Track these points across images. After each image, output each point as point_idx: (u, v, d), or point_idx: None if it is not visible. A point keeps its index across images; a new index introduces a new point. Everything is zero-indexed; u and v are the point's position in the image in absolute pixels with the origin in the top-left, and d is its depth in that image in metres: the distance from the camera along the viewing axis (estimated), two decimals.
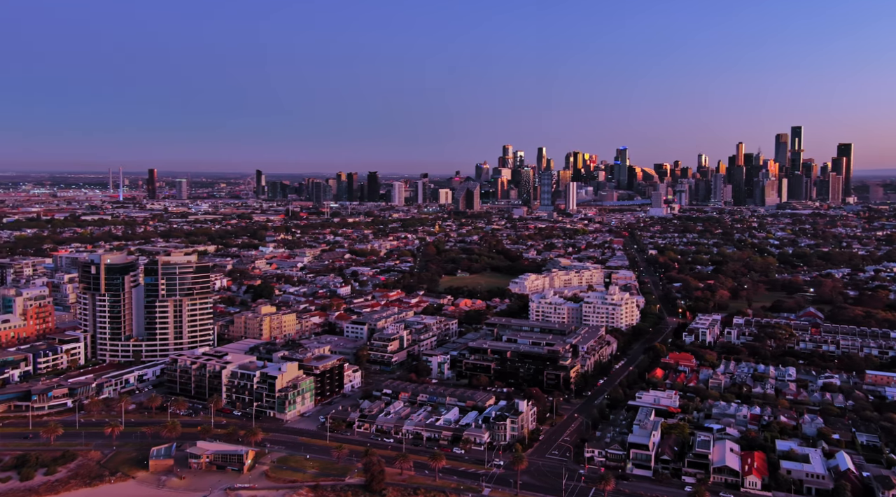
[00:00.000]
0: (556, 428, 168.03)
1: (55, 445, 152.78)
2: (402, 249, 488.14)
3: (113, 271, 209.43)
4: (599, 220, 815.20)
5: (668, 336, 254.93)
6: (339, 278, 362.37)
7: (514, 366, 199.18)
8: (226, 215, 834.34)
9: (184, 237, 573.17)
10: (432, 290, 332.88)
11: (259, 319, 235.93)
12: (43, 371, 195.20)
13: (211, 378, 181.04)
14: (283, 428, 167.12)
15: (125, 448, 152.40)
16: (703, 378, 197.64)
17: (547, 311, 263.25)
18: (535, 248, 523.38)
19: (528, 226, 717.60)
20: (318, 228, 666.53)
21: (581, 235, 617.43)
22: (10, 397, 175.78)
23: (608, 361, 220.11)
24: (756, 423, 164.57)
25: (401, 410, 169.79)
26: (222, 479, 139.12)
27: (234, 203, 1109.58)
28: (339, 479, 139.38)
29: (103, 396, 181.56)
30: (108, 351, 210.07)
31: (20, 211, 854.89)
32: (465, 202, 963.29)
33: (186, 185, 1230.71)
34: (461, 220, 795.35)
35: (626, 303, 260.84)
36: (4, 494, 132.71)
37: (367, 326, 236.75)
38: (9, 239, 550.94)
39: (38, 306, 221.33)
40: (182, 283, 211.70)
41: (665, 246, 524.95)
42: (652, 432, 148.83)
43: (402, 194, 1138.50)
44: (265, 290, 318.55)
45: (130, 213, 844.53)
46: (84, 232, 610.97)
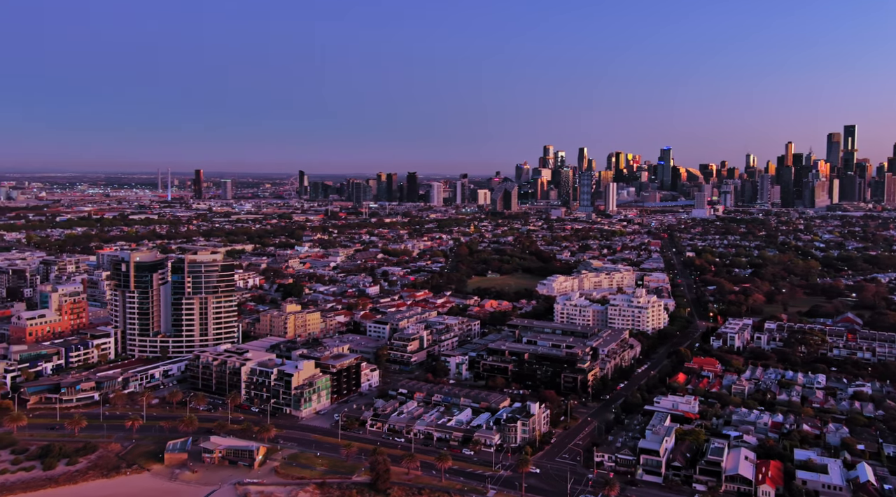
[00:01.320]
0: (570, 431, 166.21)
1: (79, 437, 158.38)
2: (434, 250, 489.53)
3: (142, 269, 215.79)
4: (639, 221, 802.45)
5: (696, 340, 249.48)
6: (369, 278, 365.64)
7: (531, 368, 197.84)
8: (267, 215, 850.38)
9: (224, 236, 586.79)
10: (460, 291, 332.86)
11: (284, 317, 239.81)
12: (74, 365, 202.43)
13: (231, 374, 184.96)
14: (297, 425, 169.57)
15: (144, 441, 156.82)
16: (727, 384, 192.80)
17: (572, 314, 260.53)
18: (569, 249, 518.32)
19: (565, 227, 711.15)
20: (354, 228, 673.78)
21: (618, 237, 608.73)
22: (41, 389, 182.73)
23: (630, 365, 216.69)
24: (777, 431, 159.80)
25: (413, 410, 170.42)
26: (233, 474, 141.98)
27: (276, 203, 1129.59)
28: (347, 477, 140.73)
29: (129, 390, 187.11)
30: (136, 346, 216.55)
31: (73, 210, 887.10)
32: (502, 203, 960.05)
33: (231, 186, 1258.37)
34: (497, 220, 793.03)
35: (653, 306, 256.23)
36: (26, 483, 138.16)
37: (388, 326, 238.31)
38: (59, 237, 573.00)
39: (73, 302, 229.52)
40: (207, 282, 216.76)
41: (703, 248, 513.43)
42: (664, 438, 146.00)
43: (441, 195, 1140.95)
44: (295, 288, 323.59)
45: (176, 213, 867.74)
46: (130, 231, 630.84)
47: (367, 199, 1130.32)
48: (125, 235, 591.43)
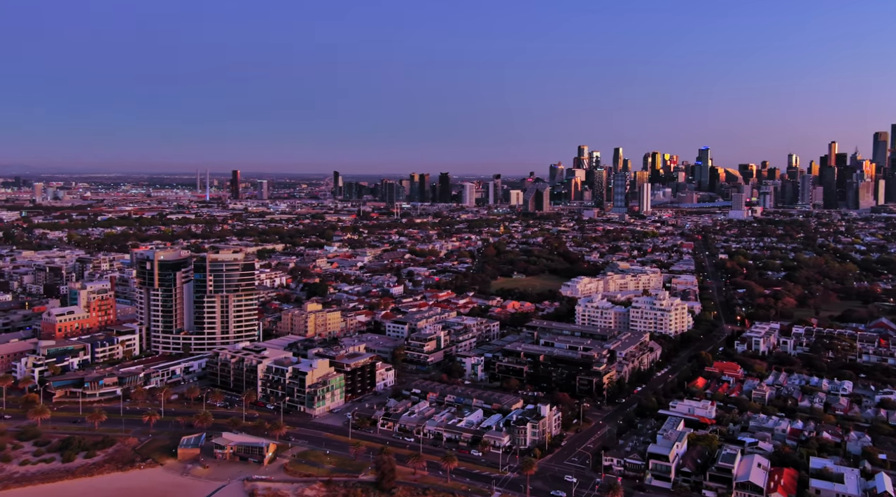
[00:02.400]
0: (581, 434, 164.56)
1: (98, 431, 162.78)
2: (462, 250, 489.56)
3: (165, 267, 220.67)
4: (673, 222, 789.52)
5: (721, 344, 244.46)
6: (394, 278, 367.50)
7: (546, 370, 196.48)
8: (300, 215, 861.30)
9: (257, 236, 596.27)
10: (483, 292, 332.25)
11: (304, 316, 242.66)
12: (100, 360, 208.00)
13: (248, 372, 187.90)
14: (310, 423, 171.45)
15: (160, 436, 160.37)
16: (747, 389, 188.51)
17: (593, 316, 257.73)
18: (598, 250, 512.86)
19: (597, 228, 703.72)
20: (385, 229, 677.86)
21: (650, 238, 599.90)
22: (67, 384, 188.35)
23: (649, 368, 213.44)
24: (795, 438, 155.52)
25: (425, 410, 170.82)
26: (242, 470, 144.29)
27: (311, 203, 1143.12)
28: (353, 475, 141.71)
29: (150, 386, 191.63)
30: (160, 343, 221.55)
31: (115, 210, 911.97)
32: (534, 203, 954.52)
33: (267, 186, 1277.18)
34: (528, 221, 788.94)
35: (677, 308, 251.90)
36: (45, 474, 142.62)
37: (407, 326, 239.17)
38: (99, 236, 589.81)
39: (101, 299, 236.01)
40: (229, 280, 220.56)
41: (737, 250, 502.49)
42: (675, 443, 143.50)
43: (473, 195, 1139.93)
44: (320, 288, 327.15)
45: (213, 213, 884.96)
46: (166, 230, 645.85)
47: (400, 200, 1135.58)
48: (161, 235, 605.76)
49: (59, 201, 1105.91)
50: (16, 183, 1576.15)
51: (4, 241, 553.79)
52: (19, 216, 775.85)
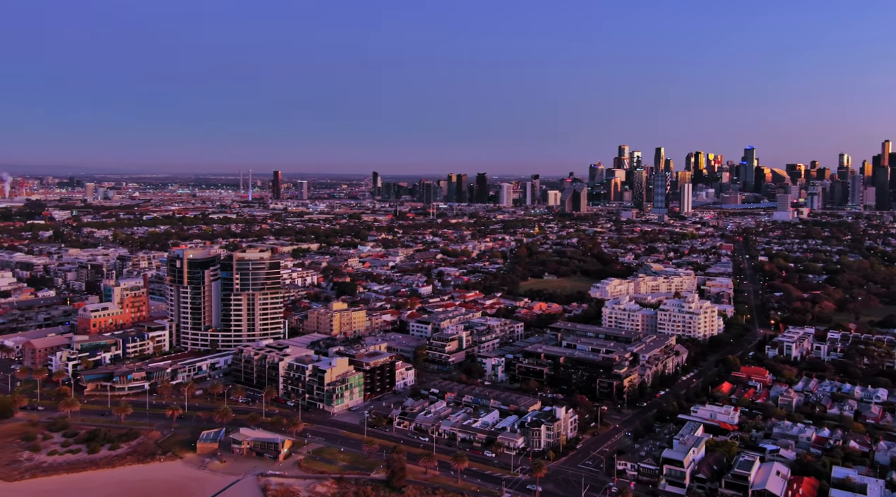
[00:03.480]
0: (598, 438, 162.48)
1: (124, 423, 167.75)
2: (494, 251, 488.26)
3: (194, 265, 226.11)
4: (715, 223, 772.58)
5: (751, 349, 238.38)
6: (424, 278, 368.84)
7: (566, 372, 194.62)
8: (338, 215, 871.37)
9: (293, 235, 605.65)
10: (511, 293, 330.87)
11: (329, 315, 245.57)
12: (131, 355, 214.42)
13: (270, 369, 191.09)
14: (328, 420, 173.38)
15: (182, 430, 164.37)
16: (774, 395, 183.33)
17: (620, 318, 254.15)
18: (634, 251, 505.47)
19: (634, 229, 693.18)
20: (420, 229, 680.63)
21: (688, 240, 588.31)
22: (98, 378, 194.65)
23: (674, 372, 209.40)
24: (820, 446, 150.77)
25: (441, 410, 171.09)
26: (258, 466, 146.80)
27: (349, 203, 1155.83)
28: (365, 473, 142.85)
29: (176, 382, 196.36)
30: (189, 339, 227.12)
31: (161, 209, 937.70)
32: (571, 204, 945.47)
33: (307, 186, 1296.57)
34: (565, 221, 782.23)
35: (706, 311, 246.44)
36: (71, 464, 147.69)
37: (430, 326, 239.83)
38: (143, 234, 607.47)
39: (134, 296, 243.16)
40: (255, 279, 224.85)
41: (778, 252, 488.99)
42: (692, 448, 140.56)
43: (510, 195, 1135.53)
44: (349, 287, 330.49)
45: (253, 212, 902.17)
46: (207, 229, 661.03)
47: (438, 200, 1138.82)
48: (202, 234, 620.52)
49: (108, 201, 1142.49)
50: (70, 183, 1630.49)
51: (54, 239, 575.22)
52: (70, 215, 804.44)
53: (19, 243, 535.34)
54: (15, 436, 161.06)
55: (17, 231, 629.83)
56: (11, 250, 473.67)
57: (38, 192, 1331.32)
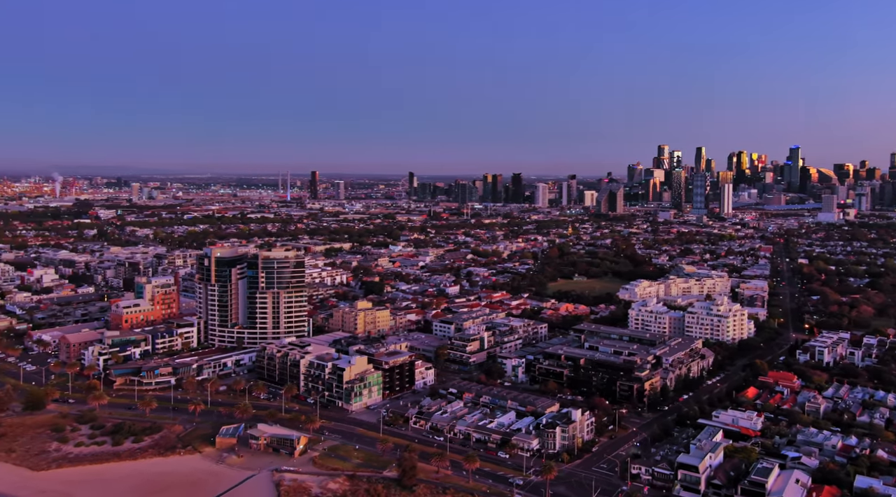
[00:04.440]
0: (615, 441, 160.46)
1: (149, 417, 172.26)
2: (525, 251, 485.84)
3: (222, 264, 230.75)
4: (755, 225, 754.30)
5: (782, 353, 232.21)
6: (452, 278, 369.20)
7: (586, 374, 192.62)
8: (373, 215, 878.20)
9: (327, 235, 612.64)
10: (539, 293, 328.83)
11: (354, 314, 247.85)
12: (160, 351, 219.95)
13: (291, 366, 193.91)
14: (346, 418, 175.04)
15: (203, 425, 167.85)
16: (801, 401, 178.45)
17: (647, 320, 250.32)
18: (668, 253, 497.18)
19: (671, 230, 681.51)
20: (453, 229, 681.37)
21: (726, 241, 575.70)
22: (126, 372, 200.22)
23: (699, 376, 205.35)
24: (846, 455, 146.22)
25: (457, 410, 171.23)
26: (273, 461, 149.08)
27: (385, 203, 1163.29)
28: (378, 471, 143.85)
29: (202, 377, 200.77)
30: (216, 336, 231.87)
31: (202, 209, 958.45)
32: (607, 204, 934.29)
33: (343, 186, 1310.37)
34: (600, 222, 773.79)
35: (736, 314, 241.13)
36: (95, 455, 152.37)
37: (453, 326, 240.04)
38: (182, 233, 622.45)
39: (164, 293, 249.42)
40: (280, 277, 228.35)
41: (819, 255, 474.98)
42: (709, 454, 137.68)
43: (546, 196, 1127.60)
44: (377, 286, 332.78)
45: (290, 212, 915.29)
46: (244, 228, 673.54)
47: (473, 200, 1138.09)
48: (239, 233, 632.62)
49: (152, 200, 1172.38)
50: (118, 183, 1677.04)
51: (98, 237, 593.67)
52: (115, 214, 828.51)
53: (65, 241, 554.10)
54: (45, 427, 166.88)
55: (64, 230, 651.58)
56: (57, 248, 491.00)
57: (87, 191, 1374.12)
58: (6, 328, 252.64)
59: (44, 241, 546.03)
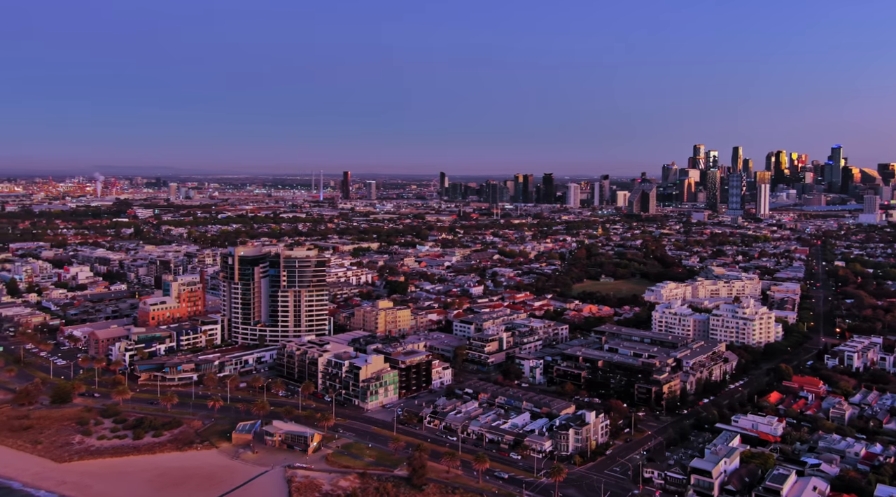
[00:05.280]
0: (630, 444, 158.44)
1: (170, 412, 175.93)
2: (552, 252, 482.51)
3: (245, 263, 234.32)
4: (793, 226, 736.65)
5: (810, 358, 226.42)
6: (477, 278, 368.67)
7: (604, 376, 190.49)
8: (403, 215, 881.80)
9: (357, 234, 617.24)
10: (563, 294, 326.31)
11: (375, 313, 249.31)
12: (184, 347, 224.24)
13: (309, 364, 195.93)
14: (362, 416, 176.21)
15: (222, 421, 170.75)
16: (826, 407, 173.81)
17: (671, 322, 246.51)
18: (699, 254, 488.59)
19: (704, 231, 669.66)
20: (481, 229, 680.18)
21: (761, 243, 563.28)
22: (151, 368, 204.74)
23: (722, 380, 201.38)
24: (869, 463, 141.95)
25: (472, 410, 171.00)
26: (287, 458, 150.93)
27: (416, 203, 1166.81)
28: (389, 470, 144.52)
29: (224, 374, 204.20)
30: (239, 334, 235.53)
31: (236, 209, 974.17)
32: (639, 205, 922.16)
33: (374, 187, 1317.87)
34: (632, 223, 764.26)
35: (762, 317, 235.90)
36: (116, 449, 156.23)
37: (473, 326, 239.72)
38: (215, 233, 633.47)
39: (190, 291, 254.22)
40: (301, 276, 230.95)
41: (856, 257, 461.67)
42: (724, 459, 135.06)
43: (578, 196, 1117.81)
44: (401, 286, 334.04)
45: (322, 212, 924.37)
46: (275, 228, 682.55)
47: (504, 200, 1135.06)
48: (270, 232, 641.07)
49: (189, 200, 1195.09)
50: (157, 183, 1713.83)
51: (134, 236, 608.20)
52: (152, 214, 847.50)
53: (103, 240, 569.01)
54: (71, 420, 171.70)
55: (102, 228, 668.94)
56: (95, 246, 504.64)
57: (128, 191, 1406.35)
58: (40, 324, 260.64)
59: (83, 240, 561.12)
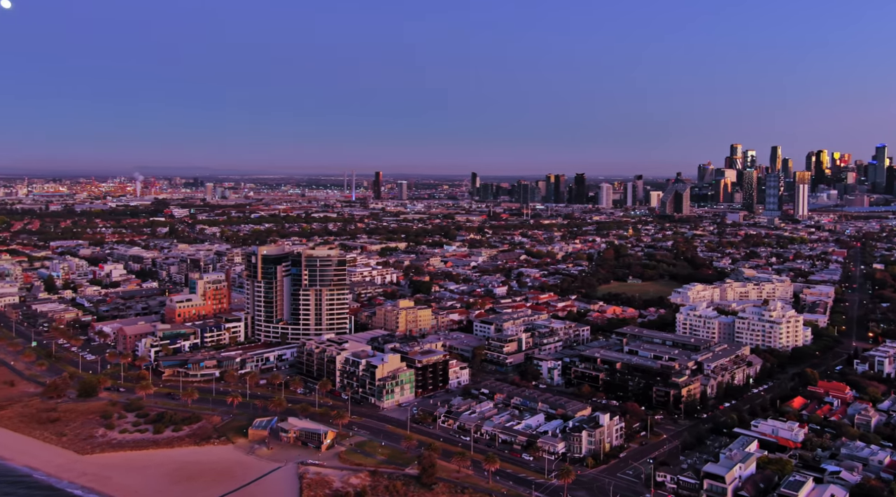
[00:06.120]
0: (645, 448, 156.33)
1: (190, 408, 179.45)
2: (580, 253, 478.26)
3: (268, 261, 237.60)
4: (832, 227, 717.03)
5: (838, 363, 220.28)
6: (502, 278, 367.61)
7: (622, 378, 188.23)
8: (433, 215, 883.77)
9: (385, 234, 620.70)
10: (588, 295, 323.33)
11: (396, 312, 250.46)
12: (208, 344, 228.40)
13: (328, 362, 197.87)
14: (377, 415, 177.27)
15: (240, 417, 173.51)
16: (851, 413, 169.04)
17: (695, 325, 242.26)
18: (732, 256, 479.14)
19: (739, 232, 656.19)
20: (511, 229, 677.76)
21: (797, 244, 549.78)
22: (174, 364, 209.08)
23: (744, 384, 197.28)
24: (893, 471, 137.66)
25: (486, 411, 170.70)
26: (301, 454, 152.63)
27: (447, 204, 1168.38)
28: (400, 468, 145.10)
29: (245, 371, 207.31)
30: (262, 331, 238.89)
31: (270, 208, 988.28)
32: (672, 205, 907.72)
33: (405, 187, 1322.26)
34: (665, 223, 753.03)
35: (789, 321, 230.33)
36: (136, 442, 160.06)
37: (493, 326, 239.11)
38: (248, 232, 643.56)
39: (215, 289, 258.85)
40: (323, 275, 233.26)
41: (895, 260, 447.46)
42: (738, 464, 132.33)
43: (610, 196, 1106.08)
44: (425, 286, 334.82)
45: (353, 212, 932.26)
46: (306, 227, 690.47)
47: (535, 201, 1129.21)
48: (300, 231, 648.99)
49: (225, 200, 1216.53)
50: (195, 183, 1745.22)
51: (169, 235, 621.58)
52: (188, 213, 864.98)
53: (139, 238, 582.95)
54: (95, 413, 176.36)
55: (139, 227, 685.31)
56: (130, 245, 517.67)
57: (166, 191, 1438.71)
58: (73, 319, 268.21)
59: (119, 239, 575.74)
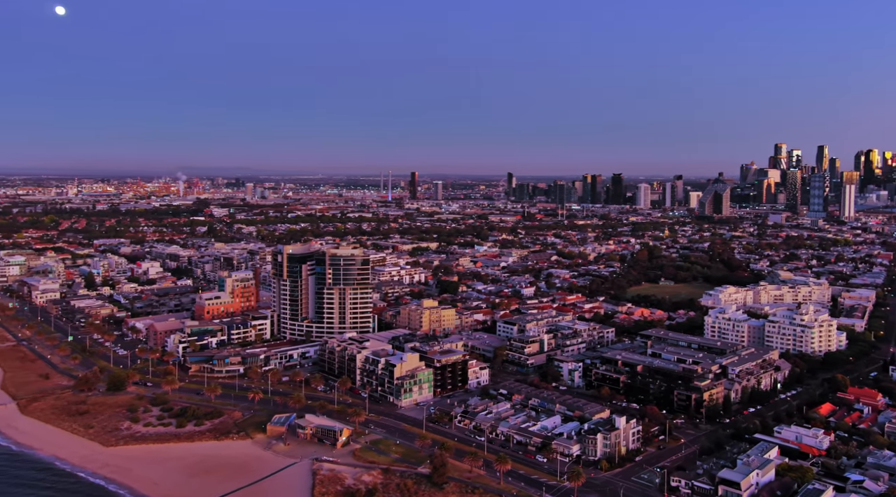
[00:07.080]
0: (662, 452, 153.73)
1: (213, 403, 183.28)
2: (612, 254, 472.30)
3: (293, 260, 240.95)
4: (879, 229, 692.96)
5: (873, 369, 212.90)
6: (531, 279, 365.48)
7: (644, 381, 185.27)
8: (467, 215, 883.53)
9: (418, 234, 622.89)
10: (617, 297, 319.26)
11: (420, 312, 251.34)
12: (235, 341, 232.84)
13: (349, 360, 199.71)
14: (395, 413, 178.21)
15: (260, 413, 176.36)
16: (882, 421, 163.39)
17: (724, 328, 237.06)
18: (771, 258, 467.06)
19: (780, 234, 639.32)
20: (544, 230, 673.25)
21: (840, 247, 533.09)
22: (201, 360, 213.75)
23: (771, 389, 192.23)
24: None
25: (503, 411, 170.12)
26: (316, 451, 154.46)
27: (482, 204, 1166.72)
28: (413, 467, 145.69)
29: (268, 368, 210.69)
30: (288, 329, 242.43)
31: (307, 208, 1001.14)
32: (711, 206, 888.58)
33: (441, 187, 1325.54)
34: (703, 224, 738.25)
35: (822, 325, 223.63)
36: (159, 436, 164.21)
37: (516, 327, 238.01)
38: (283, 231, 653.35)
39: (243, 286, 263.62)
40: (347, 274, 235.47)
41: None
42: (755, 470, 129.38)
43: (647, 197, 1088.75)
44: (452, 286, 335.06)
45: (388, 212, 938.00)
46: (341, 227, 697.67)
47: (571, 201, 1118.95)
48: (335, 231, 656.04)
49: (264, 200, 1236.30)
50: (236, 183, 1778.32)
51: (208, 234, 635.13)
52: (227, 213, 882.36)
53: (178, 237, 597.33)
54: (123, 407, 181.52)
55: (179, 226, 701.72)
56: (169, 243, 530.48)
57: (209, 191, 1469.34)
58: (108, 315, 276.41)
59: (160, 237, 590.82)
